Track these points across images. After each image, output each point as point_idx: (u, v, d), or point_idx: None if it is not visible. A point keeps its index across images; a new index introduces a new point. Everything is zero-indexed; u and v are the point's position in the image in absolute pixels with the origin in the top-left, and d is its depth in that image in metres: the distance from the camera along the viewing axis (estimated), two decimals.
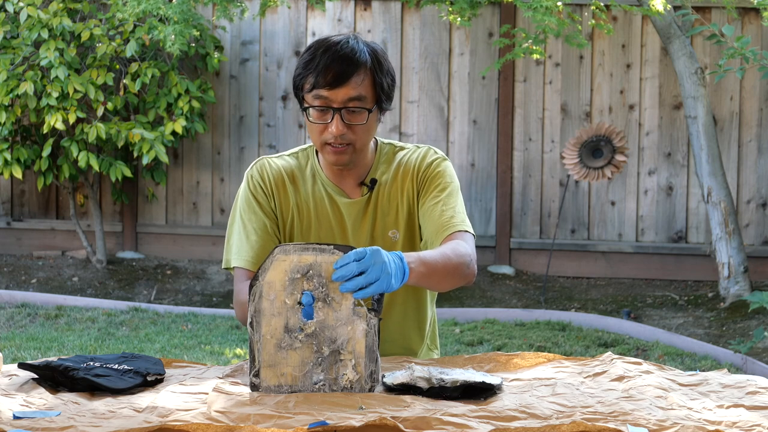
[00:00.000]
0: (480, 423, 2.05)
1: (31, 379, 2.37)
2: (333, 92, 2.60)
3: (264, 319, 2.30)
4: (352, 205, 2.77)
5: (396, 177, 2.78)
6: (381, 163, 2.80)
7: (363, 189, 2.78)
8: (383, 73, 2.65)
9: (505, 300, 7.53)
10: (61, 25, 7.48)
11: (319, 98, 2.61)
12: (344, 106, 2.61)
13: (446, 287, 2.63)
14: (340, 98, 2.60)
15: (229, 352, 6.08)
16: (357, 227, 2.77)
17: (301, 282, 2.30)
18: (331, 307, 2.30)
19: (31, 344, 6.11)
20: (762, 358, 5.96)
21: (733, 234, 7.13)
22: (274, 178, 2.78)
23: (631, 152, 7.88)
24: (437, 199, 2.74)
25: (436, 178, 2.77)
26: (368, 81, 2.63)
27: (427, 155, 2.80)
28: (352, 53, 2.61)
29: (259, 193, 2.77)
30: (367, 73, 2.62)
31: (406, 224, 2.77)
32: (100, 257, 8.05)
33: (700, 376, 2.42)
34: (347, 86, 2.60)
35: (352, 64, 2.60)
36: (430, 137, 8.11)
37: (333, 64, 2.59)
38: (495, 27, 8.05)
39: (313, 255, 2.30)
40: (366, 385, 2.30)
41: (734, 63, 7.28)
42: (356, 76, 2.60)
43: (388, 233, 2.77)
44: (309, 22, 8.22)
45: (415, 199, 2.78)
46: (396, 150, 2.83)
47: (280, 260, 2.30)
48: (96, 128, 7.45)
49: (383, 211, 2.77)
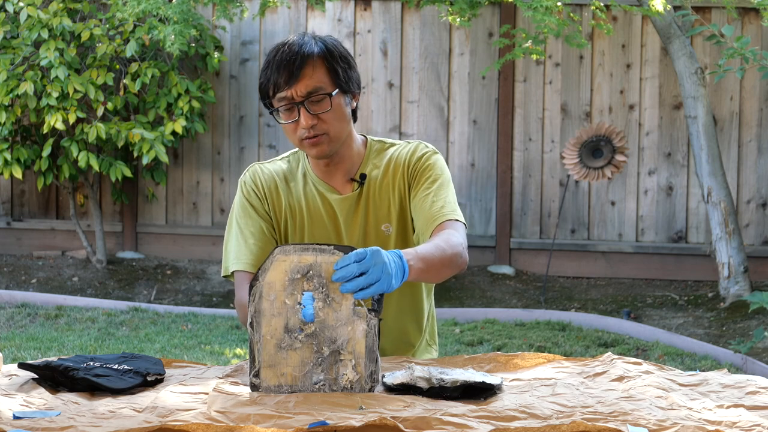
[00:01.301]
0: (480, 423, 2.05)
1: (31, 379, 2.37)
2: (292, 90, 2.68)
3: (264, 319, 2.30)
4: (343, 200, 2.81)
5: (387, 172, 2.83)
6: (371, 159, 2.85)
7: (353, 185, 2.83)
8: (335, 59, 2.71)
9: (505, 300, 7.53)
10: (61, 25, 7.48)
11: (282, 100, 2.70)
12: (305, 98, 2.68)
13: (442, 279, 2.68)
14: (300, 92, 2.68)
15: (229, 352, 6.08)
16: (349, 222, 2.81)
17: (301, 282, 2.30)
18: (331, 308, 2.30)
19: (31, 344, 6.11)
20: (762, 358, 5.96)
21: (733, 234, 7.13)
22: (266, 182, 2.85)
23: (631, 152, 7.88)
24: (428, 191, 2.78)
25: (426, 171, 2.81)
26: (322, 70, 2.70)
27: (417, 149, 2.84)
28: (299, 49, 2.69)
29: (253, 198, 2.83)
30: (318, 63, 2.69)
31: (399, 218, 2.81)
32: (100, 257, 8.05)
33: (700, 376, 2.42)
34: (302, 80, 2.67)
35: (301, 57, 2.68)
36: (430, 137, 8.11)
37: (283, 61, 2.68)
38: (495, 27, 8.05)
39: (313, 255, 2.30)
40: (366, 385, 2.30)
41: (734, 63, 7.29)
42: (307, 67, 2.68)
43: (381, 227, 2.81)
44: (309, 22, 8.22)
45: (406, 192, 2.82)
46: (386, 146, 2.88)
47: (280, 260, 2.30)
48: (96, 128, 7.45)
49: (375, 205, 2.82)
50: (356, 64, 2.81)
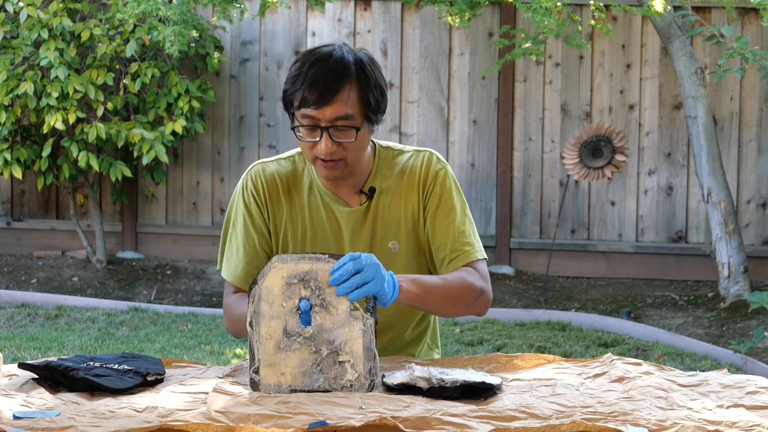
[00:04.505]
0: (480, 423, 2.05)
1: (31, 379, 2.37)
2: (320, 111, 2.55)
3: (263, 320, 2.34)
4: (350, 213, 2.72)
5: (399, 187, 2.73)
6: (380, 168, 2.74)
7: (362, 197, 2.73)
8: (370, 87, 2.58)
9: (505, 300, 7.53)
10: (61, 25, 7.48)
11: (306, 117, 2.56)
12: (332, 124, 2.56)
13: (446, 314, 2.66)
14: (327, 117, 2.55)
15: (229, 352, 6.08)
16: (355, 236, 2.72)
17: (298, 287, 2.34)
18: (328, 312, 2.34)
19: (31, 344, 6.11)
20: (762, 358, 5.96)
21: (733, 234, 7.13)
22: (268, 187, 2.74)
23: (631, 152, 7.88)
24: (447, 219, 2.70)
25: (444, 195, 2.71)
26: (355, 97, 2.56)
27: (430, 164, 2.73)
28: (336, 68, 2.55)
29: (253, 205, 2.74)
30: (353, 89, 2.56)
31: (407, 236, 2.73)
32: (100, 257, 8.05)
33: (700, 376, 2.42)
34: (333, 104, 2.54)
35: (336, 80, 2.54)
36: (430, 137, 8.11)
37: (318, 80, 2.54)
38: (495, 27, 8.05)
39: (309, 263, 2.36)
40: (366, 381, 2.31)
41: (734, 63, 7.29)
42: (342, 92, 2.54)
43: (388, 244, 2.73)
44: (309, 22, 8.22)
45: (419, 213, 2.73)
46: (395, 154, 2.77)
47: (278, 268, 2.35)
48: (96, 128, 7.45)
49: (384, 220, 2.72)
50: (387, 85, 2.70)
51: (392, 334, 2.78)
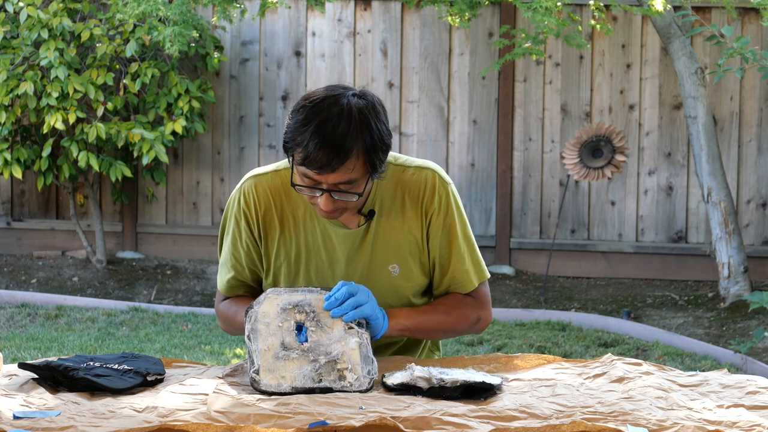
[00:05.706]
0: (480, 423, 2.05)
1: (31, 379, 2.37)
2: (322, 177, 2.43)
3: (261, 337, 2.41)
4: (348, 236, 2.61)
5: (402, 208, 2.62)
6: (381, 186, 2.61)
7: (360, 218, 2.61)
8: (376, 150, 2.43)
9: (505, 300, 7.53)
10: (61, 25, 7.48)
11: (306, 177, 2.45)
12: (333, 189, 2.45)
13: (444, 338, 2.72)
14: (330, 181, 2.43)
15: (229, 352, 6.08)
16: (353, 259, 2.62)
17: (293, 312, 2.43)
18: (324, 331, 2.41)
19: (31, 344, 6.11)
20: (762, 358, 5.96)
21: (733, 234, 7.13)
22: (259, 206, 2.64)
23: (631, 152, 7.88)
24: (448, 248, 2.65)
25: (447, 220, 2.63)
26: (361, 164, 2.43)
27: (434, 187, 2.61)
28: (342, 138, 2.38)
29: (242, 222, 2.67)
30: (360, 155, 2.42)
31: (407, 260, 2.64)
32: (100, 257, 8.05)
33: (700, 376, 2.41)
34: (338, 172, 2.41)
35: (342, 151, 2.39)
36: (430, 137, 8.11)
37: (324, 143, 2.38)
38: (495, 27, 8.05)
39: (302, 294, 2.46)
40: (365, 380, 2.32)
41: (734, 63, 7.28)
42: (348, 163, 2.40)
43: (388, 267, 2.63)
44: (309, 22, 8.22)
45: (421, 237, 2.64)
46: (398, 170, 2.62)
47: (272, 298, 2.46)
48: (96, 128, 7.44)
49: (384, 242, 2.62)
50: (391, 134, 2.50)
51: (393, 348, 2.79)
